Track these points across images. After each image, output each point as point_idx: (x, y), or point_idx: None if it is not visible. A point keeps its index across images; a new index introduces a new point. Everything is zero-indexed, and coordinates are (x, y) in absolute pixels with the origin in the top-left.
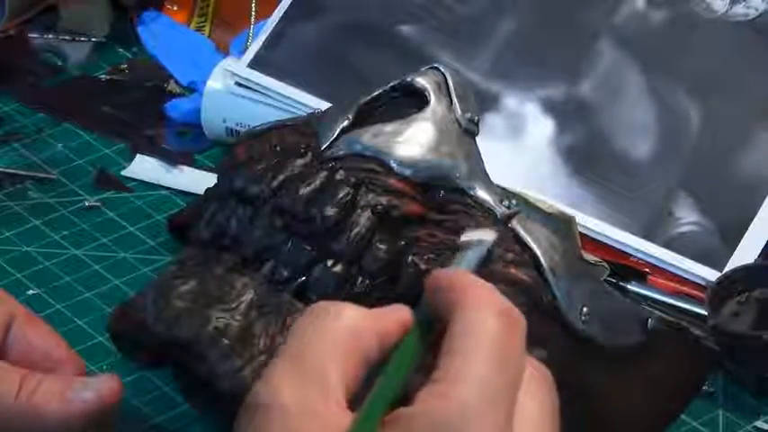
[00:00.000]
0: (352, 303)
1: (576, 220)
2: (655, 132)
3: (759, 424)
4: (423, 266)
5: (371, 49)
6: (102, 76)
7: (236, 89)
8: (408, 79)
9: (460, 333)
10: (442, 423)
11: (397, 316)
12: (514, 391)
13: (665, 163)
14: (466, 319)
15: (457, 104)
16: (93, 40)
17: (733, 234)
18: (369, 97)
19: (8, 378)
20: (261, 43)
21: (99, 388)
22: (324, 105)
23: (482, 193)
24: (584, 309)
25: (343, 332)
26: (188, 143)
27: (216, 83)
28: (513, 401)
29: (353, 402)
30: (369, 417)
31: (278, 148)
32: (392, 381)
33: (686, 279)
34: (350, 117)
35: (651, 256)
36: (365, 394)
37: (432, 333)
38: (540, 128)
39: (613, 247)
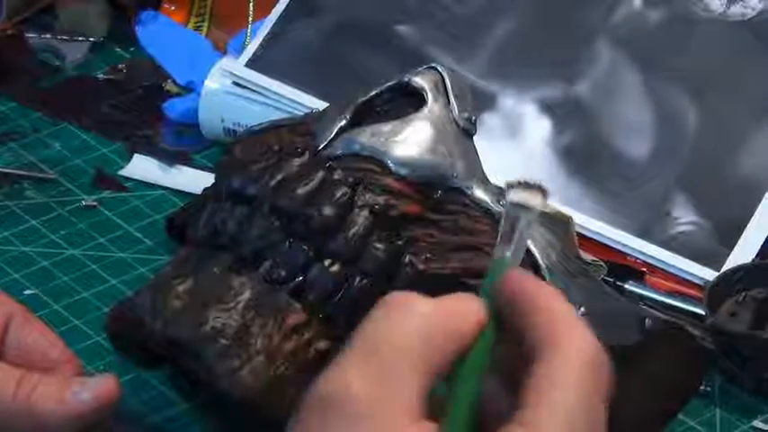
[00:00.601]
0: (425, 296)
1: (574, 220)
2: (652, 132)
3: (756, 423)
4: (420, 266)
5: (369, 48)
6: (100, 75)
7: (233, 89)
8: (406, 79)
9: (550, 377)
10: None
11: (470, 314)
12: None
13: (662, 163)
14: (558, 362)
15: (454, 104)
16: (91, 39)
17: (730, 234)
18: (366, 97)
19: (6, 378)
20: (258, 43)
21: (96, 389)
22: (321, 105)
23: (479, 193)
24: (582, 308)
25: (417, 331)
26: (186, 143)
27: (213, 82)
28: None
29: (425, 403)
30: None
31: (275, 148)
32: (467, 392)
33: (683, 279)
34: (347, 117)
35: (648, 256)
36: (435, 396)
37: (500, 332)
38: (538, 127)
39: (611, 246)
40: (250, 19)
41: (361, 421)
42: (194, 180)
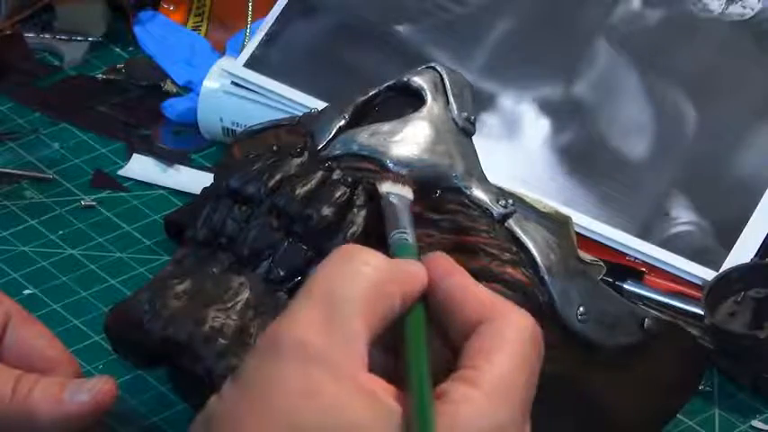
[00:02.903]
0: (378, 251)
1: (573, 220)
2: (651, 132)
3: (755, 423)
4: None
5: (368, 48)
6: (99, 75)
7: (232, 89)
8: (405, 79)
9: (492, 342)
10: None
11: (418, 275)
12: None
13: (661, 163)
14: (501, 329)
15: (453, 104)
16: (90, 39)
17: (729, 234)
18: (365, 97)
19: (3, 379)
20: (257, 43)
21: (94, 390)
22: (320, 105)
23: (478, 193)
24: (581, 308)
25: (372, 285)
26: (184, 142)
27: (212, 82)
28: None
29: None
30: (426, 403)
31: (274, 148)
32: (422, 359)
33: (682, 278)
34: (346, 117)
35: (647, 256)
36: (379, 353)
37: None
38: (537, 127)
39: (610, 246)
40: (249, 19)
41: (314, 365)
42: (193, 180)
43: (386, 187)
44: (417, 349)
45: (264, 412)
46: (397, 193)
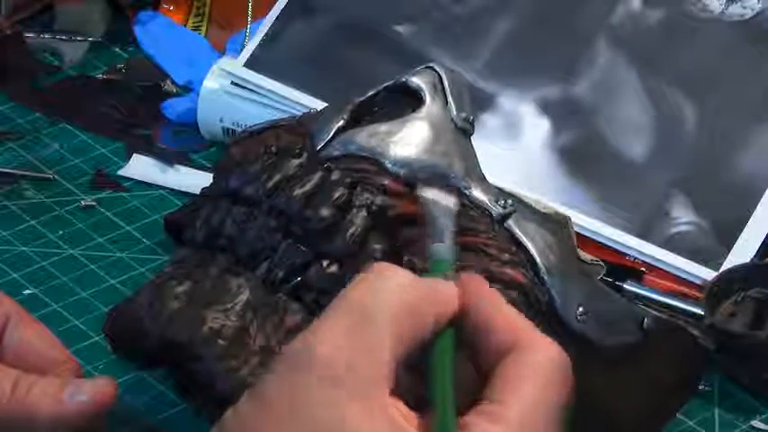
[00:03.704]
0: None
1: (572, 220)
2: (651, 132)
3: (755, 423)
4: (419, 266)
5: (367, 48)
6: (99, 75)
7: (232, 89)
8: (403, 79)
9: (520, 372)
10: None
11: (450, 297)
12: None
13: (661, 163)
14: (528, 360)
15: (452, 104)
16: (90, 39)
17: (729, 234)
18: (364, 97)
19: (2, 379)
20: (257, 43)
21: (93, 390)
22: (319, 105)
23: (477, 193)
24: (580, 308)
25: (404, 303)
26: (184, 143)
27: (212, 82)
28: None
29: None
30: (448, 426)
31: (273, 149)
32: (447, 387)
33: (683, 278)
34: (345, 117)
35: (647, 256)
36: (406, 372)
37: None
38: (536, 128)
39: (610, 246)
40: (249, 19)
41: (337, 384)
42: (193, 180)
43: (430, 194)
44: (443, 377)
45: (283, 429)
46: (441, 202)
